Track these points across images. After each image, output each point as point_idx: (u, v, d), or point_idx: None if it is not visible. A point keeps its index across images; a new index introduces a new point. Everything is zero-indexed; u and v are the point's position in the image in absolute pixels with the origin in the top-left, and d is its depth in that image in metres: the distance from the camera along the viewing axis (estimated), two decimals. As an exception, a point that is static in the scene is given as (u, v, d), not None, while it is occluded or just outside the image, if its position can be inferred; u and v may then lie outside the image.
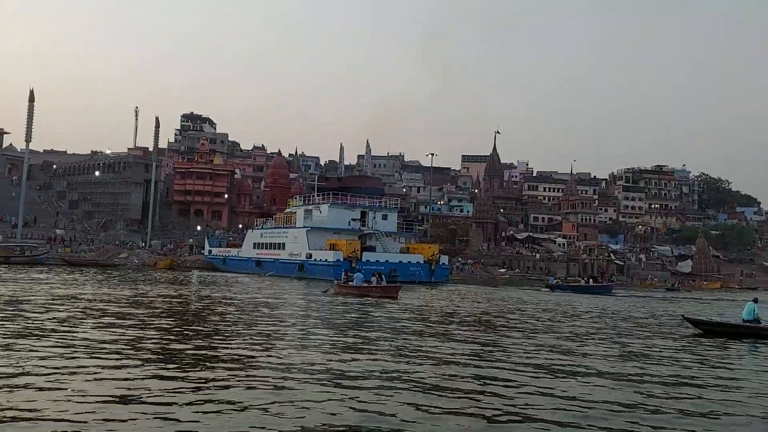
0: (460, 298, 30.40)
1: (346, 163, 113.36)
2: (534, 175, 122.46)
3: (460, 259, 79.97)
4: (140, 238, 70.71)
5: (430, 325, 16.96)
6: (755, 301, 17.83)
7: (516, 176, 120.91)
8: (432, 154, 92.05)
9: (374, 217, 48.58)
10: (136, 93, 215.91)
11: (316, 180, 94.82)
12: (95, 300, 19.67)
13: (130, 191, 74.55)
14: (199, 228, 66.88)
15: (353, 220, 47.81)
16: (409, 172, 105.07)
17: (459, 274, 72.50)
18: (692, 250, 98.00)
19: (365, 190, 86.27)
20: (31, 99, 61.40)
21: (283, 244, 48.44)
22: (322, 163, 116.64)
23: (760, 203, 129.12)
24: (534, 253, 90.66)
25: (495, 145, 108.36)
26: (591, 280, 50.76)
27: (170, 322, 14.72)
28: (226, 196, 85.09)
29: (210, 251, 58.21)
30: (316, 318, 17.56)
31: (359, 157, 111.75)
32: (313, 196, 52.29)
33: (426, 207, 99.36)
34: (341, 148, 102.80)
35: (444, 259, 48.44)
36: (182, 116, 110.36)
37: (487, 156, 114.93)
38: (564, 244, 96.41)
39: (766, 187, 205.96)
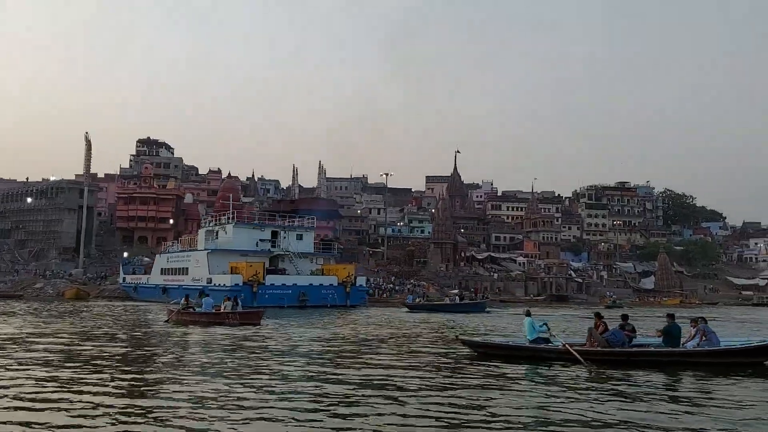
0: (342, 324, 25.11)
1: (309, 186, 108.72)
2: (499, 194, 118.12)
3: (412, 281, 75.07)
4: (74, 267, 65.63)
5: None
6: (528, 314, 14.17)
7: (481, 196, 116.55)
8: (387, 174, 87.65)
9: (286, 237, 43.61)
10: (93, 119, 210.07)
11: (276, 203, 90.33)
12: None
13: (63, 218, 69.41)
14: (126, 255, 61.72)
15: (261, 240, 42.82)
16: (370, 193, 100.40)
17: (402, 296, 67.60)
18: (655, 267, 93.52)
19: (317, 212, 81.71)
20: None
21: (187, 268, 43.48)
22: (284, 186, 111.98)
23: (725, 218, 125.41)
24: (492, 273, 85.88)
25: (456, 164, 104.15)
26: (458, 298, 44.75)
27: None
28: (171, 221, 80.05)
29: (124, 278, 52.98)
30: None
31: (326, 180, 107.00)
32: (220, 216, 47.30)
33: (386, 229, 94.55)
34: (294, 170, 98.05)
35: (361, 281, 43.47)
36: (138, 141, 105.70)
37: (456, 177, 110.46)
38: (524, 263, 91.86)
39: (731, 201, 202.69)
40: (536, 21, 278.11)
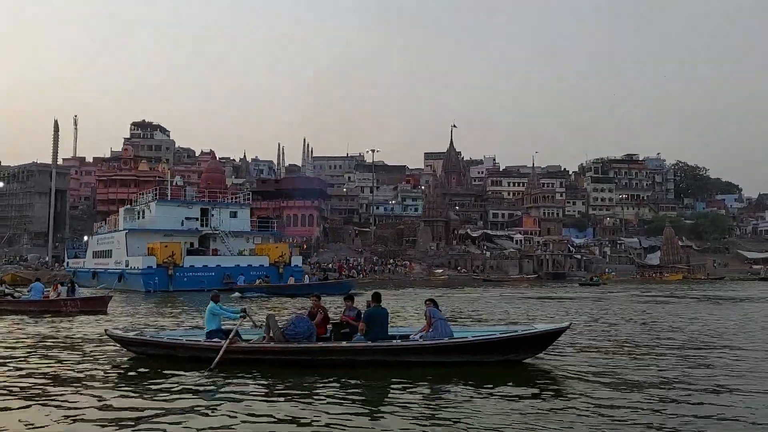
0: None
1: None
2: (501, 170, 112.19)
3: (391, 260, 70.53)
4: (45, 252, 62.77)
5: None
6: (215, 299, 9.73)
7: (482, 172, 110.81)
8: (373, 150, 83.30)
9: (216, 215, 39.33)
10: (89, 103, 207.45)
11: (260, 183, 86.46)
12: None
13: (34, 202, 66.49)
14: (85, 238, 58.22)
15: (188, 219, 38.61)
16: (362, 171, 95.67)
17: (381, 276, 63.24)
18: (662, 241, 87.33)
19: (302, 191, 77.74)
20: None
21: (111, 250, 39.64)
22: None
23: (741, 190, 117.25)
24: (484, 251, 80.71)
25: (452, 139, 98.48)
26: (308, 277, 37.09)
27: None
28: (153, 203, 76.72)
29: (67, 263, 49.57)
30: None
31: (314, 158, 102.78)
32: (144, 193, 43.21)
33: (378, 207, 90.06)
34: (280, 149, 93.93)
35: (297, 261, 39.02)
36: (132, 124, 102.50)
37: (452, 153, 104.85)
38: (521, 240, 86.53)
39: (748, 172, 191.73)
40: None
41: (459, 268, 74.22)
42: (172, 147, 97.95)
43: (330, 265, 62.15)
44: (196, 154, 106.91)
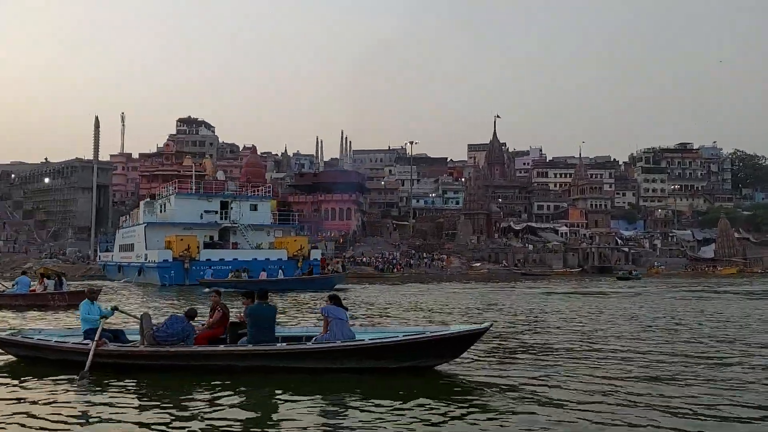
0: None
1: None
2: (548, 161, 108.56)
3: (425, 254, 68.82)
4: (88, 247, 63.86)
5: None
6: (91, 297, 8.64)
7: (528, 163, 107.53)
8: (412, 142, 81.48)
9: (236, 209, 38.48)
10: (138, 100, 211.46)
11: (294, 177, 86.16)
12: None
13: (77, 197, 67.70)
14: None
15: (207, 212, 37.91)
16: (403, 164, 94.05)
17: (417, 270, 61.58)
18: (717, 233, 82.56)
19: (340, 185, 76.81)
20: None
21: (133, 244, 39.41)
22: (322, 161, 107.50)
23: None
24: (527, 245, 77.94)
25: (495, 130, 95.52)
26: (282, 272, 32.89)
27: None
28: (194, 198, 77.28)
29: (99, 257, 49.91)
30: None
31: (354, 152, 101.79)
32: (167, 186, 42.76)
33: (418, 200, 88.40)
34: (318, 143, 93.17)
35: (316, 254, 37.78)
36: (178, 120, 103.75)
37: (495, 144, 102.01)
38: (566, 233, 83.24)
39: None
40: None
41: (502, 261, 71.75)
42: (216, 142, 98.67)
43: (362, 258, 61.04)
44: (240, 149, 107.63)
